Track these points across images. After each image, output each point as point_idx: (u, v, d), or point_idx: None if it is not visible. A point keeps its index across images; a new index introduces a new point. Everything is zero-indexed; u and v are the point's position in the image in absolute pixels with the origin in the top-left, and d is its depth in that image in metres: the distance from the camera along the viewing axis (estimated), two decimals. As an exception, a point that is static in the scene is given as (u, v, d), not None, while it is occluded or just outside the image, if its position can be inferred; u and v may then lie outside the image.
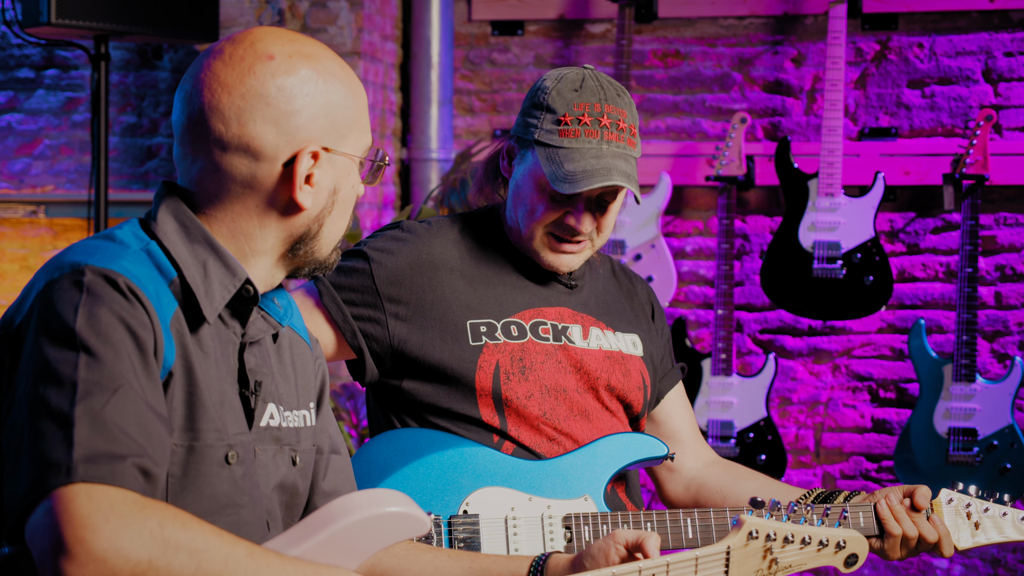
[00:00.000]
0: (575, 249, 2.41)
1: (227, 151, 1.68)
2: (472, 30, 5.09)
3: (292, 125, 1.68)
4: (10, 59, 5.36)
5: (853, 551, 2.03)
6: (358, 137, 1.76)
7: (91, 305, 1.55)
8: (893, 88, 4.72)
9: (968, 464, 4.34)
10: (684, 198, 4.88)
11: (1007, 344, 4.65)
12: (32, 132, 5.35)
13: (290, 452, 1.80)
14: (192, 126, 1.69)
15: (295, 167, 1.69)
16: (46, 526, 1.45)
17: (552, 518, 2.33)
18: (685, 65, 4.91)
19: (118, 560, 1.44)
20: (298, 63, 1.70)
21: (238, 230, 1.72)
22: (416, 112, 5.04)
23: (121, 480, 1.48)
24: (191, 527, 1.50)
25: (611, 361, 2.48)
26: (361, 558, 1.72)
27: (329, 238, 1.78)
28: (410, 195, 5.06)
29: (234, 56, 1.69)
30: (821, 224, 4.49)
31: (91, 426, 1.49)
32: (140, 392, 1.54)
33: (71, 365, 1.52)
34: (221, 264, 1.70)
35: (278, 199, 1.71)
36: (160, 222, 1.70)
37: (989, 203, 4.63)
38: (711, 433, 4.55)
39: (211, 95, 1.68)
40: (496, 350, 2.38)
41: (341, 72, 1.74)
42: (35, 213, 5.33)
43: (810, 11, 4.76)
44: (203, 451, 1.65)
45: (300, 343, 1.89)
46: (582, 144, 2.33)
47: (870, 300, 4.49)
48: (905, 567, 4.76)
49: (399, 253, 2.41)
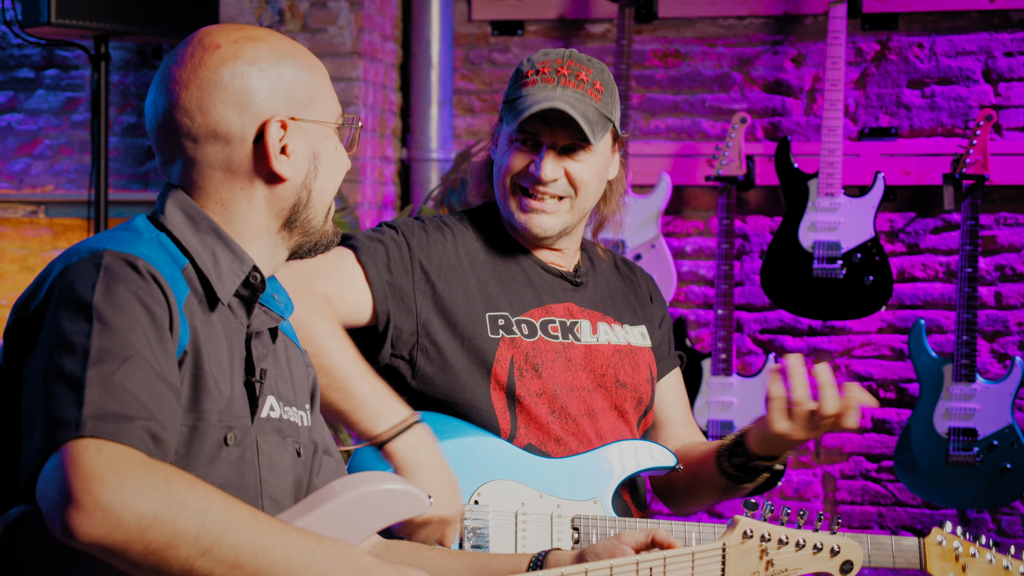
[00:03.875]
0: (542, 206, 2.40)
1: (199, 142, 1.74)
2: (472, 30, 5.09)
3: (251, 102, 1.73)
4: (10, 59, 5.36)
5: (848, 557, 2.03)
6: (324, 105, 1.80)
7: (108, 283, 1.59)
8: (893, 88, 4.72)
9: (968, 464, 4.34)
10: (684, 198, 4.89)
11: (1007, 344, 4.65)
12: (32, 132, 5.35)
13: (293, 444, 1.83)
14: (162, 129, 1.76)
15: (265, 140, 1.74)
16: (55, 479, 1.48)
17: (561, 517, 2.35)
18: (685, 65, 4.91)
19: (124, 512, 1.46)
20: (245, 46, 1.75)
21: (232, 215, 1.77)
22: (416, 112, 5.04)
23: (129, 439, 1.51)
24: (196, 486, 1.52)
25: (620, 355, 2.49)
26: (363, 534, 1.74)
27: (322, 203, 1.81)
28: (410, 195, 5.06)
29: (185, 55, 1.76)
30: (821, 224, 4.50)
31: (102, 388, 1.52)
32: (152, 362, 1.58)
33: (84, 334, 1.55)
34: (229, 252, 1.75)
35: (259, 174, 1.76)
36: (168, 214, 1.75)
37: (989, 203, 4.63)
38: (711, 433, 4.54)
39: (171, 95, 1.74)
40: (512, 345, 2.39)
41: (291, 48, 1.79)
42: (35, 213, 5.33)
43: (810, 11, 4.76)
44: (205, 431, 1.68)
45: (293, 347, 1.93)
46: (536, 88, 2.38)
47: (870, 300, 4.49)
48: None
49: (429, 234, 2.43)
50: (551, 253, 2.50)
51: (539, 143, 2.39)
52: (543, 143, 2.38)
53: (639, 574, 1.87)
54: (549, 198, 2.40)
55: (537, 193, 2.39)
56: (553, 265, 2.50)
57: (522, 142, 2.40)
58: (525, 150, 2.39)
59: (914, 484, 4.45)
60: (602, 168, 2.44)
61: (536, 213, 2.40)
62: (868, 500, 4.80)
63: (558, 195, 2.40)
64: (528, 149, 2.39)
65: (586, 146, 2.39)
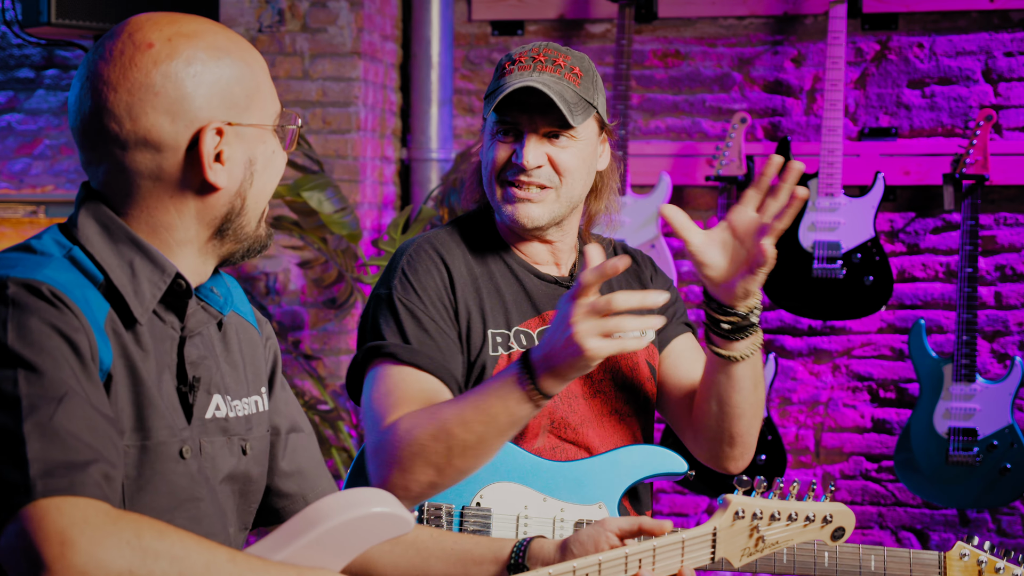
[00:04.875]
0: (531, 196, 2.35)
1: (127, 149, 1.64)
2: (472, 30, 5.08)
3: (185, 109, 1.63)
4: (10, 59, 5.35)
5: (840, 524, 2.03)
6: (263, 106, 1.70)
7: (19, 317, 1.52)
8: (893, 88, 4.72)
9: (968, 464, 4.33)
10: (684, 198, 4.88)
11: (1007, 344, 4.65)
12: (32, 132, 5.35)
13: (239, 442, 1.77)
14: (87, 131, 1.65)
15: (200, 148, 1.64)
16: (21, 548, 1.42)
17: (564, 521, 2.32)
18: (685, 65, 4.91)
19: (99, 572, 1.42)
20: (179, 45, 1.64)
21: (158, 224, 1.67)
22: (416, 112, 5.03)
23: (84, 489, 1.46)
24: (168, 535, 1.48)
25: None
26: (347, 558, 1.71)
27: (256, 210, 1.72)
28: (410, 195, 5.06)
29: (114, 52, 1.64)
30: (821, 224, 4.49)
31: (42, 439, 1.46)
32: (85, 396, 1.51)
33: (10, 382, 1.48)
34: (148, 262, 1.66)
35: (191, 184, 1.66)
36: (81, 226, 1.66)
37: (989, 203, 4.62)
38: (711, 433, 4.55)
39: (98, 96, 1.63)
40: (510, 360, 2.36)
41: (229, 44, 1.68)
42: (35, 213, 5.32)
43: (810, 11, 4.76)
44: (156, 449, 1.63)
45: (247, 328, 1.86)
46: (513, 77, 2.32)
47: (870, 300, 4.49)
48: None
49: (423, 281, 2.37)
50: (545, 252, 2.45)
51: (520, 132, 2.34)
52: (524, 131, 2.33)
53: (628, 567, 1.85)
54: (535, 188, 2.34)
55: (522, 183, 2.34)
56: (547, 271, 2.46)
57: (504, 133, 2.34)
58: (507, 141, 2.34)
59: (914, 484, 4.45)
60: (588, 155, 2.38)
61: (523, 203, 2.35)
62: (868, 500, 4.80)
63: (542, 184, 2.34)
64: (510, 140, 2.34)
65: (568, 131, 2.34)
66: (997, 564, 2.35)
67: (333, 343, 4.73)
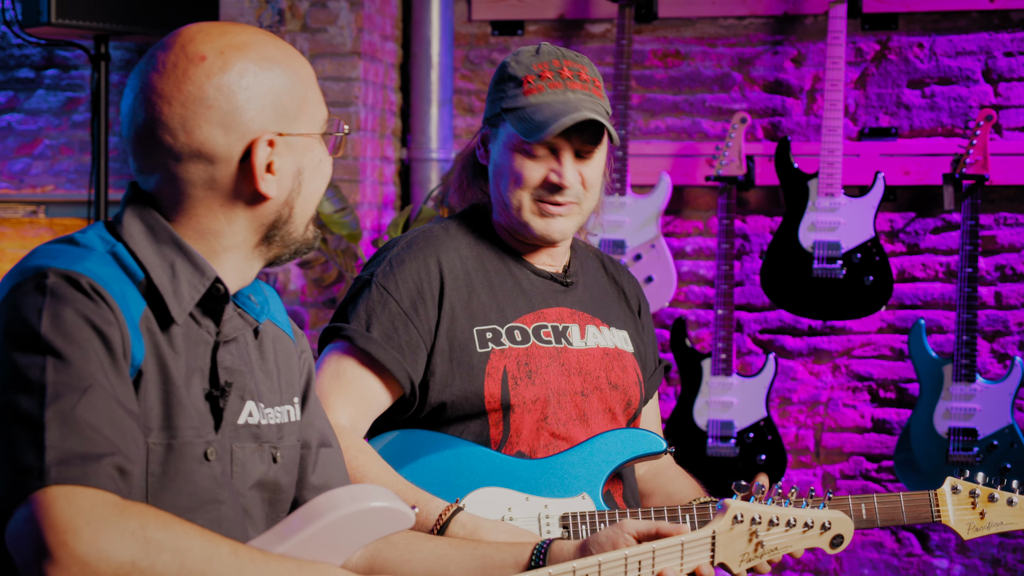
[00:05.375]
0: (563, 211, 2.38)
1: (181, 160, 1.66)
2: (472, 30, 5.08)
3: (239, 121, 1.66)
4: (10, 59, 5.36)
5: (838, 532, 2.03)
6: (311, 114, 1.73)
7: (55, 307, 1.54)
8: (893, 88, 4.72)
9: (968, 464, 4.34)
10: (684, 198, 4.88)
11: (1007, 344, 4.65)
12: (32, 132, 5.35)
13: (270, 449, 1.79)
14: (141, 141, 1.68)
15: (252, 160, 1.67)
16: (27, 532, 1.44)
17: (549, 517, 2.33)
18: (685, 65, 4.91)
19: (101, 562, 1.43)
20: (231, 58, 1.67)
21: (206, 230, 1.70)
22: (416, 112, 5.03)
23: (96, 480, 1.47)
24: (173, 526, 1.49)
25: (609, 358, 2.48)
26: (347, 553, 1.72)
27: (302, 218, 1.76)
28: (410, 195, 5.06)
29: (167, 64, 1.66)
30: (821, 224, 4.49)
31: (62, 428, 1.48)
32: (110, 390, 1.53)
33: (39, 369, 1.51)
34: (189, 264, 1.68)
35: (242, 193, 1.69)
36: (126, 224, 1.69)
37: (989, 203, 4.63)
38: (711, 433, 4.55)
39: (152, 108, 1.66)
40: (503, 356, 2.38)
41: (278, 54, 1.71)
42: (35, 213, 5.33)
43: (810, 11, 4.76)
44: (181, 448, 1.64)
45: (283, 338, 1.87)
46: (547, 96, 2.34)
47: (870, 300, 4.49)
48: (905, 568, 4.76)
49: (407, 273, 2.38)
50: (543, 255, 2.49)
51: (554, 149, 2.36)
52: (559, 150, 2.36)
53: (628, 569, 1.86)
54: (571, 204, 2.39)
55: (560, 202, 2.37)
56: (543, 268, 2.49)
57: (534, 150, 2.36)
58: (537, 158, 2.36)
59: (914, 484, 4.45)
60: (605, 164, 2.43)
61: (555, 218, 2.39)
62: (868, 500, 4.80)
63: (573, 200, 2.38)
64: (539, 157, 2.36)
65: (597, 146, 2.38)
66: (992, 493, 2.35)
67: (333, 343, 4.74)
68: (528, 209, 2.38)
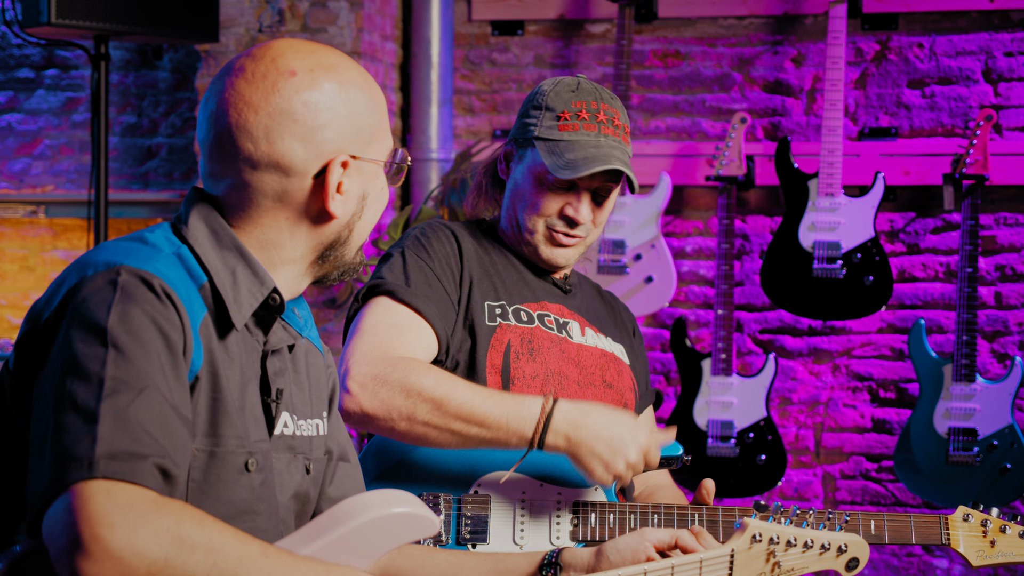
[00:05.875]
0: (572, 243, 2.49)
1: (257, 169, 1.69)
2: (472, 30, 5.09)
3: (319, 139, 1.70)
4: (10, 59, 5.36)
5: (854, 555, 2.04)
6: (381, 141, 1.78)
7: (124, 304, 1.56)
8: (893, 88, 4.72)
9: (968, 464, 4.34)
10: (684, 198, 4.89)
11: (1007, 344, 4.65)
12: (32, 132, 5.36)
13: (304, 461, 1.81)
14: (220, 145, 1.70)
15: (326, 178, 1.71)
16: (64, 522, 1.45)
17: (561, 504, 2.36)
18: (685, 65, 4.91)
19: (134, 558, 1.44)
20: (320, 77, 1.71)
21: (268, 240, 1.74)
22: (416, 112, 5.04)
23: (140, 478, 1.48)
24: (207, 526, 1.50)
25: (606, 359, 2.54)
26: (371, 559, 1.73)
27: (357, 241, 1.81)
28: (410, 195, 5.06)
29: (256, 74, 1.70)
30: (821, 224, 4.49)
31: (115, 423, 1.50)
32: (166, 393, 1.55)
33: (99, 361, 1.52)
34: (250, 272, 1.71)
35: (310, 210, 1.73)
36: (191, 227, 1.71)
37: (989, 203, 4.63)
38: (711, 433, 4.55)
39: (237, 115, 1.69)
40: (508, 330, 2.44)
41: (361, 80, 1.75)
42: (35, 213, 5.33)
43: (810, 11, 4.76)
44: (224, 457, 1.66)
45: (314, 352, 1.90)
46: (581, 136, 2.43)
47: (870, 300, 4.49)
48: (905, 567, 4.76)
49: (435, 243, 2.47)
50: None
51: (574, 185, 2.45)
52: (579, 187, 2.45)
53: None
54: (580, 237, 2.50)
55: (571, 235, 2.48)
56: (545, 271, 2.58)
57: (556, 182, 2.45)
58: (557, 191, 2.46)
59: (914, 484, 4.45)
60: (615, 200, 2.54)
61: (563, 248, 2.50)
62: (868, 500, 4.80)
63: (583, 235, 2.49)
64: (559, 190, 2.46)
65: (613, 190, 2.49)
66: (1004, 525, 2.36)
67: (333, 343, 4.73)
68: (541, 234, 2.49)
